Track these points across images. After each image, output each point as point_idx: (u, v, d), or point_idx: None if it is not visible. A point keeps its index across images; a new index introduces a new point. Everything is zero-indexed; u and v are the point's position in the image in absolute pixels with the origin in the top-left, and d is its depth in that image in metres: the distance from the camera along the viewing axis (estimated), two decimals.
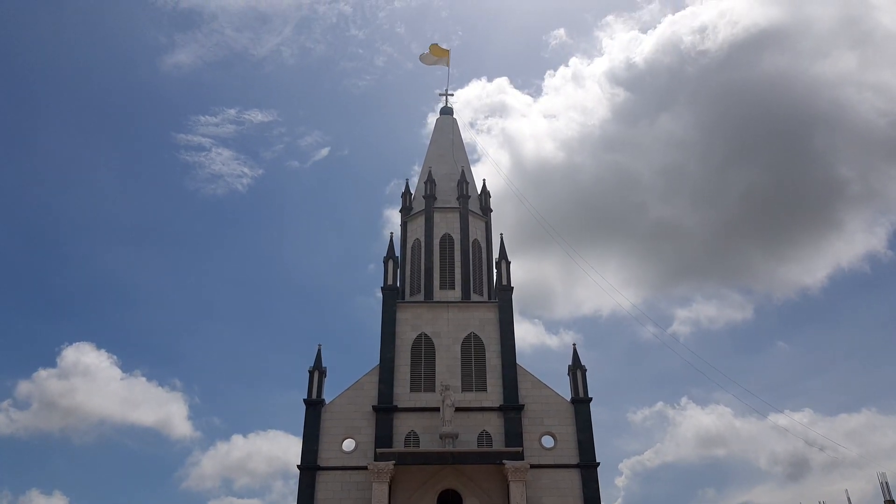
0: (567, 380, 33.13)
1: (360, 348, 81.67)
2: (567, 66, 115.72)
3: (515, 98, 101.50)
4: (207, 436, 79.62)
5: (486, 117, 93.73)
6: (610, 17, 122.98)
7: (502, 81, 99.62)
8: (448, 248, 36.82)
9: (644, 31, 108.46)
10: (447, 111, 44.14)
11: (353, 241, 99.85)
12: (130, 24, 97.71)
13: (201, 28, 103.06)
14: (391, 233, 36.93)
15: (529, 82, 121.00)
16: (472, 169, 41.57)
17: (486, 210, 38.96)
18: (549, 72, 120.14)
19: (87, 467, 74.30)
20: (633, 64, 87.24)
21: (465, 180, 38.67)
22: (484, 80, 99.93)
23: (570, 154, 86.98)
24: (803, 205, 72.02)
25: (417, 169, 41.99)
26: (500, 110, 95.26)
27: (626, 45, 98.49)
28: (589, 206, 77.85)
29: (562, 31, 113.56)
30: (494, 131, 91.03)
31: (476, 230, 37.91)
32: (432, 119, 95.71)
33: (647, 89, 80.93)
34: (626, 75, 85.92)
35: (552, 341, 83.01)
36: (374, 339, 33.61)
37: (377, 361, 32.97)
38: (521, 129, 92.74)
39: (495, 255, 36.55)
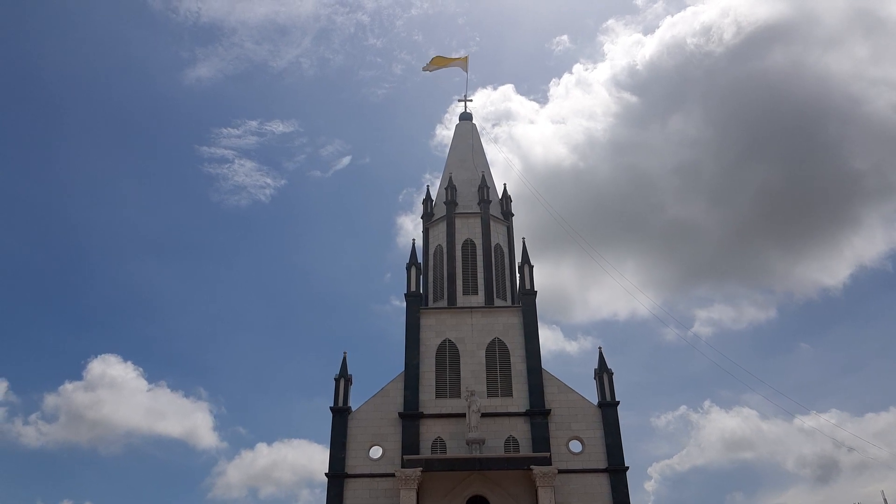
0: (590, 384, 32.90)
1: (382, 356, 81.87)
2: (571, 72, 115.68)
3: (522, 105, 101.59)
4: (233, 445, 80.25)
5: (493, 125, 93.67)
6: (611, 21, 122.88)
7: (508, 89, 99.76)
8: (470, 254, 36.78)
9: (647, 33, 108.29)
10: (466, 116, 44.22)
11: (372, 248, 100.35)
12: (152, 39, 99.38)
13: (222, 42, 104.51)
14: (413, 239, 37.05)
15: (535, 88, 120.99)
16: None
17: (507, 214, 38.87)
18: (553, 79, 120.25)
19: (115, 478, 75.15)
20: (640, 66, 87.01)
21: (485, 185, 38.65)
22: (490, 88, 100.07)
23: (580, 158, 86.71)
24: (818, 200, 71.09)
25: (429, 177, 42.17)
26: (507, 117, 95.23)
27: (630, 48, 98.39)
28: (602, 208, 77.41)
29: (565, 38, 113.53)
30: (503, 138, 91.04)
31: (498, 235, 37.83)
32: (440, 129, 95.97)
33: (656, 90, 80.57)
34: (635, 78, 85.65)
35: (571, 347, 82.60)
36: (397, 346, 33.68)
37: (401, 368, 32.97)
38: (530, 135, 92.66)
39: (517, 259, 36.46)
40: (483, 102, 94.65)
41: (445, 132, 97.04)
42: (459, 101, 45.24)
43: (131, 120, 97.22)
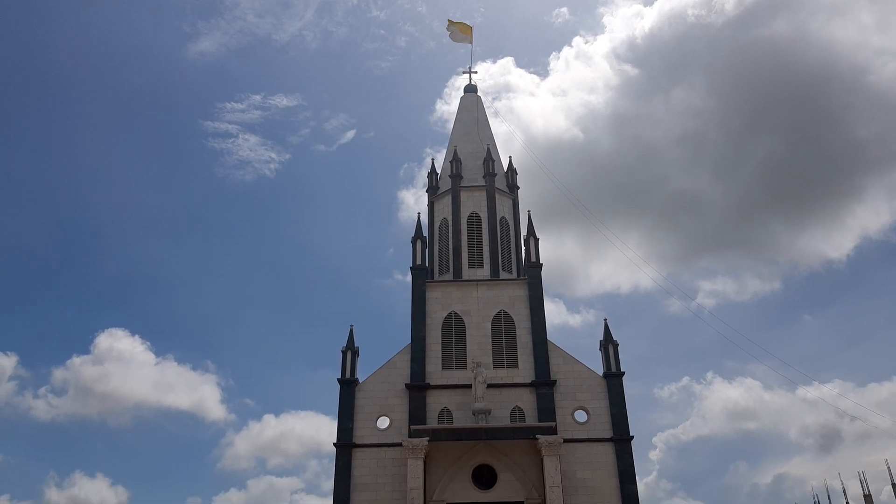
0: (592, 357, 33.20)
1: (386, 329, 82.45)
2: (571, 45, 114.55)
3: (522, 78, 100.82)
4: (241, 417, 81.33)
5: (493, 99, 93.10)
6: None
7: (507, 62, 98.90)
8: (476, 227, 36.81)
9: (647, 4, 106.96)
10: (471, 89, 43.89)
11: (375, 223, 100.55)
12: (154, 13, 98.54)
13: (224, 15, 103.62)
14: (418, 213, 37.04)
15: (536, 61, 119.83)
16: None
17: (512, 187, 38.76)
18: (553, 53, 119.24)
19: (125, 450, 76.44)
20: (641, 37, 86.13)
21: (490, 158, 38.49)
22: (489, 61, 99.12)
23: (582, 130, 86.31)
24: (822, 170, 70.91)
25: (430, 150, 41.97)
26: (507, 90, 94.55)
27: (630, 19, 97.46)
28: (605, 181, 77.23)
29: (565, 10, 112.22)
30: (503, 112, 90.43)
31: (503, 208, 37.80)
32: (440, 104, 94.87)
33: (656, 62, 79.82)
34: (635, 50, 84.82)
35: (574, 320, 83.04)
36: (402, 320, 33.91)
37: (407, 341, 33.22)
38: (531, 108, 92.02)
39: (523, 232, 36.48)
40: (482, 76, 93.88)
41: (445, 107, 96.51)
42: (464, 72, 44.89)
43: (134, 96, 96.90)
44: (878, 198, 75.63)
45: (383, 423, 31.42)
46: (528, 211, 36.47)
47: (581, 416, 31.28)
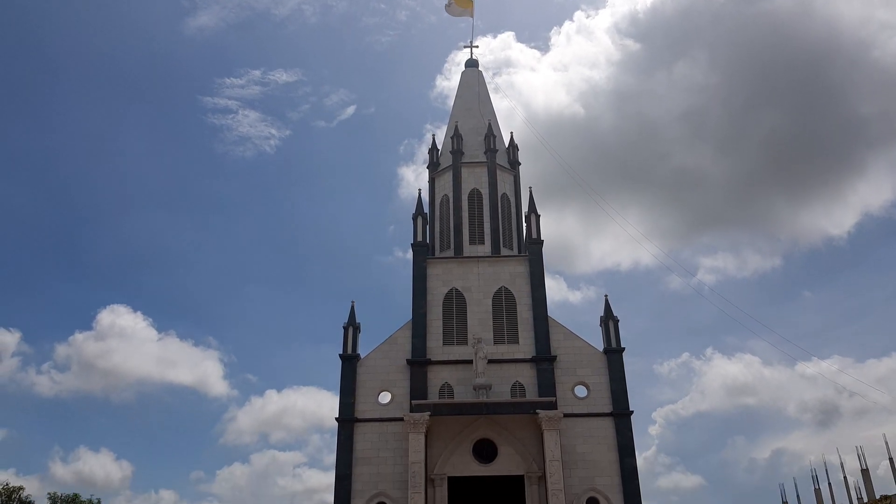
0: (592, 333, 33.34)
1: (386, 306, 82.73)
2: (572, 20, 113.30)
3: (523, 53, 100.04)
4: (243, 393, 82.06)
5: (494, 74, 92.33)
6: None
7: (508, 37, 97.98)
8: (477, 203, 36.71)
9: None
10: (472, 63, 43.45)
11: (375, 199, 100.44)
12: None
13: None
14: (419, 189, 36.95)
15: (536, 36, 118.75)
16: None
17: (514, 163, 38.56)
18: (555, 28, 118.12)
19: (129, 425, 77.30)
20: (643, 11, 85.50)
21: (492, 134, 38.24)
22: (489, 36, 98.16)
23: (584, 106, 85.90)
24: (824, 147, 70.72)
25: (430, 127, 41.65)
26: (507, 66, 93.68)
27: None
28: (606, 157, 77.05)
29: None
30: (503, 87, 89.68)
31: (504, 184, 37.65)
32: (440, 80, 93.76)
33: (659, 37, 79.16)
34: (638, 23, 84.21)
35: (575, 296, 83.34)
36: (402, 297, 33.91)
37: (408, 318, 33.34)
38: (531, 83, 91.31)
39: (524, 208, 36.39)
40: (483, 51, 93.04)
41: (446, 83, 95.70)
42: (465, 47, 44.40)
43: (134, 71, 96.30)
44: (879, 174, 75.56)
45: (385, 398, 31.68)
46: (530, 187, 36.40)
47: (581, 391, 31.51)
